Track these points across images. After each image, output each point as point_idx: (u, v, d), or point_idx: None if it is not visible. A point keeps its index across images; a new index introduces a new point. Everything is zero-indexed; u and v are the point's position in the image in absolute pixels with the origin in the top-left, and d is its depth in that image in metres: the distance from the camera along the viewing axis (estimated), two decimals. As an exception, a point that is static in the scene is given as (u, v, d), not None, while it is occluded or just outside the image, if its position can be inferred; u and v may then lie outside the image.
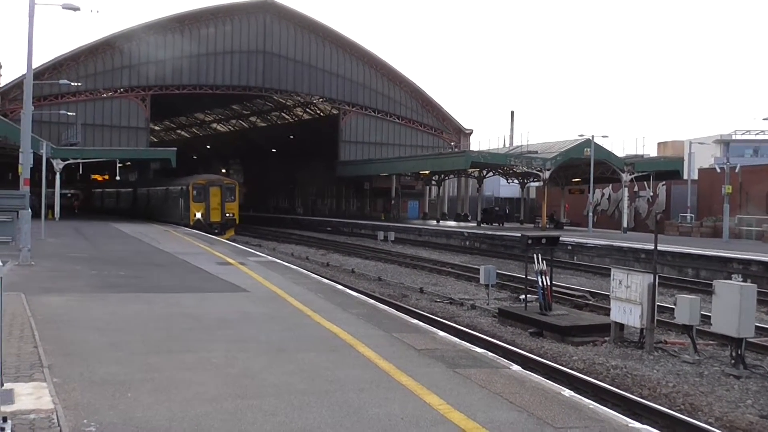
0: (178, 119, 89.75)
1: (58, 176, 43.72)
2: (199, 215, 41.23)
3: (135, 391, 6.98)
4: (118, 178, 51.97)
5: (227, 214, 42.04)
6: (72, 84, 42.06)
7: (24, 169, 19.53)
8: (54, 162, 42.61)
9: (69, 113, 47.23)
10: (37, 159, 28.83)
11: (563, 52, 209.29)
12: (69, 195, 78.66)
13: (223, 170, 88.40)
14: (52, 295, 13.04)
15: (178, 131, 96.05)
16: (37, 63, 52.26)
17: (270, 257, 23.84)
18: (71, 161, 45.44)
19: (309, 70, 62.58)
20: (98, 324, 10.39)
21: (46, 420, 6.00)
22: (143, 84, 56.83)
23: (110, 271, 17.36)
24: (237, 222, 43.68)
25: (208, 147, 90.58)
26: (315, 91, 63.54)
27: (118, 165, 47.98)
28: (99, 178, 73.24)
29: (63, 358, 8.23)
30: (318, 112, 71.00)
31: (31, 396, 6.63)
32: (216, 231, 39.48)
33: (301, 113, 73.84)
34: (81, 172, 49.51)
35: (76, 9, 21.90)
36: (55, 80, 45.29)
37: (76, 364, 7.95)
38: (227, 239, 35.09)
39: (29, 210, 19.03)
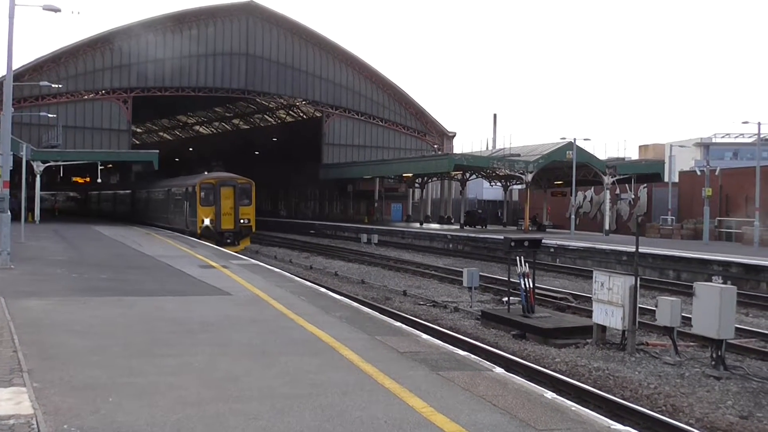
0: (161, 121, 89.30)
1: (38, 179, 43.33)
2: (207, 221, 34.49)
3: (116, 395, 6.92)
4: (99, 180, 50.73)
5: (242, 220, 35.15)
6: (53, 86, 41.68)
7: (3, 172, 19.32)
8: (34, 164, 42.21)
9: (50, 115, 46.84)
10: (17, 161, 28.59)
11: (546, 55, 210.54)
12: (67, 198, 76.08)
13: (206, 173, 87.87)
14: (32, 298, 12.90)
15: (161, 133, 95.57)
16: (17, 64, 51.80)
17: (252, 260, 23.74)
18: (52, 163, 45.05)
19: (292, 72, 62.48)
20: (79, 328, 10.30)
21: (26, 425, 5.94)
22: (125, 86, 56.47)
23: (91, 274, 17.22)
24: (253, 230, 36.90)
25: (191, 149, 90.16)
26: (298, 93, 63.45)
27: (100, 167, 47.42)
28: (80, 180, 72.23)
29: (43, 362, 8.15)
30: (301, 114, 70.90)
31: (11, 401, 6.56)
32: (228, 241, 33.80)
33: (284, 116, 73.69)
34: (62, 174, 49.06)
35: (56, 10, 21.72)
36: (35, 82, 44.88)
37: (57, 369, 7.88)
38: (239, 252, 30.24)
39: (8, 213, 18.85)
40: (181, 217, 37.98)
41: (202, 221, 34.57)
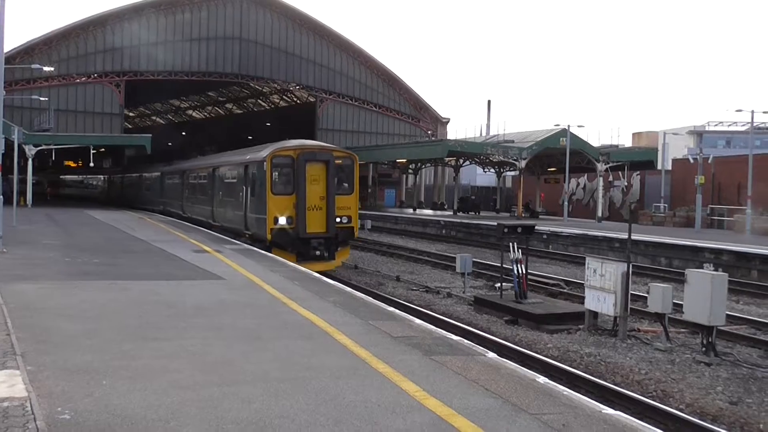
0: (153, 106, 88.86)
1: (30, 162, 43.12)
2: (283, 220, 21.49)
3: (110, 378, 6.93)
4: (92, 164, 50.13)
5: (339, 219, 21.89)
6: (44, 68, 41.35)
7: (-5, 155, 19.23)
8: (26, 148, 41.99)
9: (41, 98, 46.57)
10: (9, 145, 28.44)
11: (541, 42, 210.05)
12: (94, 182, 71.61)
13: (199, 157, 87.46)
14: (25, 282, 12.87)
15: (153, 118, 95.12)
16: (8, 47, 51.45)
17: (246, 245, 23.70)
18: (44, 147, 44.81)
19: (286, 57, 62.22)
20: (72, 312, 10.28)
21: (20, 408, 5.94)
22: (117, 69, 56.16)
23: (84, 258, 17.17)
24: (355, 234, 23.16)
25: (184, 134, 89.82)
26: (292, 78, 63.22)
27: (92, 151, 47.15)
28: (69, 165, 71.35)
29: (36, 345, 8.14)
30: (295, 99, 70.66)
31: (4, 384, 6.55)
32: (317, 253, 21.50)
33: (277, 100, 73.42)
34: (53, 158, 48.83)
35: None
36: (26, 65, 44.56)
37: (50, 352, 7.87)
38: (329, 271, 20.65)
39: (0, 196, 18.77)
40: (236, 213, 25.26)
41: (275, 220, 21.61)
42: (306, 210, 21.55)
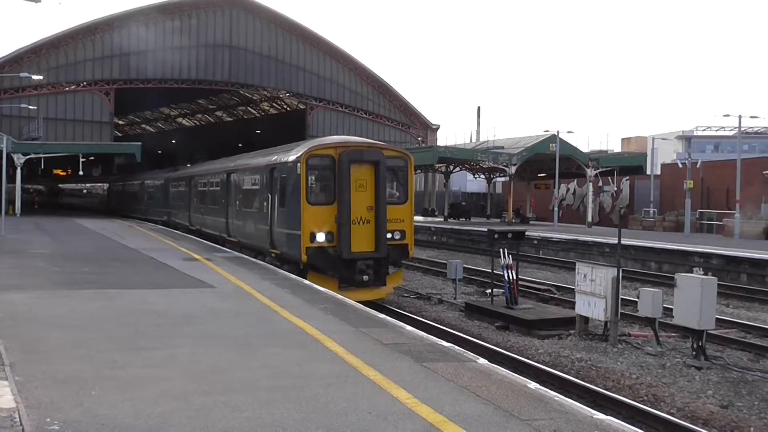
0: (143, 113, 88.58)
1: (19, 171, 42.90)
2: (321, 236, 17.32)
3: (99, 388, 6.89)
4: (81, 172, 49.81)
5: (390, 234, 17.73)
6: (33, 77, 41.12)
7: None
8: (15, 157, 41.77)
9: (30, 107, 46.30)
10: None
11: (530, 48, 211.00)
12: (94, 191, 68.75)
13: (189, 166, 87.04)
14: (13, 292, 12.78)
15: (143, 126, 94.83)
16: (-4, 56, 51.35)
17: (237, 253, 23.64)
18: (33, 156, 44.56)
19: (276, 64, 62.18)
20: (61, 321, 10.22)
21: (8, 419, 5.90)
22: (107, 77, 55.93)
23: (73, 267, 17.08)
24: (411, 252, 18.68)
25: (174, 142, 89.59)
26: (282, 85, 63.17)
27: (81, 160, 46.92)
28: (59, 173, 70.87)
29: (25, 356, 8.09)
30: (285, 107, 70.60)
31: (-8, 395, 6.51)
32: (365, 278, 17.19)
33: (267, 108, 73.34)
34: (43, 167, 48.55)
35: (37, 0, 21.47)
36: (15, 73, 44.35)
37: (39, 362, 7.82)
38: (379, 299, 17.62)
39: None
40: (259, 227, 20.98)
41: (311, 236, 17.35)
42: (350, 223, 17.22)
